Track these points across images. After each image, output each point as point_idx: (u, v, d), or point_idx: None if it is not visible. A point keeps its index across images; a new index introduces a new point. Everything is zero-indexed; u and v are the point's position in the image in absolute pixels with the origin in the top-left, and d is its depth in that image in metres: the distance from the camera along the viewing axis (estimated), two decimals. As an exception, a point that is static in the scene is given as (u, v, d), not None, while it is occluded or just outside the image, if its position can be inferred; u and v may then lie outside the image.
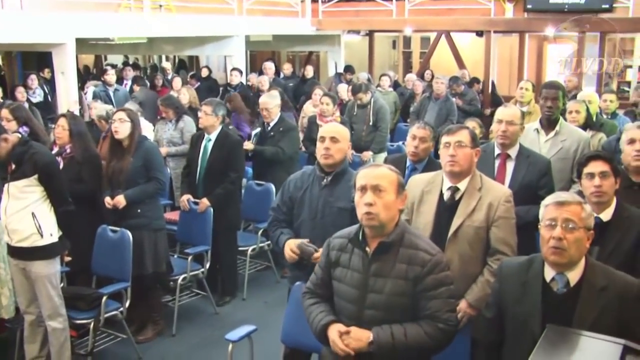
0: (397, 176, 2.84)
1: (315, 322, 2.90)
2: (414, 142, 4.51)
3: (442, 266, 2.78)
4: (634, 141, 3.80)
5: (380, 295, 2.77)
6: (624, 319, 2.58)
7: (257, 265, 6.83)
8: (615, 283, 2.63)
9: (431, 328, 2.75)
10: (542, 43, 14.46)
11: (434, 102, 9.16)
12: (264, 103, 6.56)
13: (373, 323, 2.77)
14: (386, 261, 2.79)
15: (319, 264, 3.03)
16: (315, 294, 3.03)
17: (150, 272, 5.07)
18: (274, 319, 4.50)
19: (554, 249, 2.60)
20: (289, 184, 4.00)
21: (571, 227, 2.59)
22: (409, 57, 17.22)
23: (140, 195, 5.04)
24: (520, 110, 4.62)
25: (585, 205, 2.67)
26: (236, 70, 10.51)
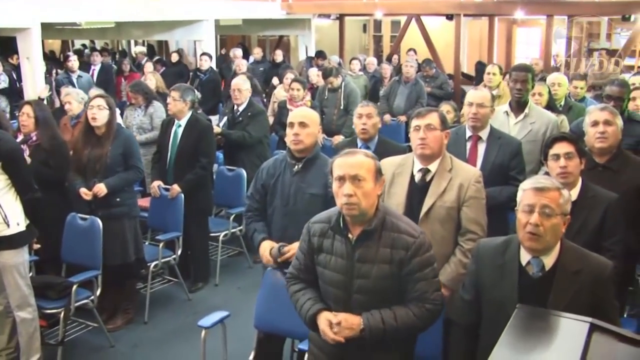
0: (374, 162, 2.83)
1: (304, 311, 2.88)
2: (361, 120, 4.61)
3: (425, 247, 2.80)
4: (597, 123, 3.86)
5: (367, 280, 2.78)
6: (597, 300, 2.63)
7: (229, 250, 6.80)
8: (588, 266, 2.67)
9: (419, 309, 2.77)
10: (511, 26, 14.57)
11: (404, 86, 9.19)
12: (237, 84, 6.54)
13: (361, 307, 2.78)
14: (370, 247, 2.79)
15: (301, 249, 3.01)
16: (299, 279, 3.02)
17: (134, 259, 5.06)
18: (247, 305, 4.48)
19: (530, 235, 2.62)
20: (262, 172, 3.98)
21: (548, 213, 2.61)
22: (380, 41, 17.23)
23: (121, 184, 4.98)
24: (491, 92, 4.64)
25: (563, 191, 2.69)
26: (206, 55, 10.40)
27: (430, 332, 3.00)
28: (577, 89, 6.88)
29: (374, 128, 4.66)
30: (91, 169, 4.93)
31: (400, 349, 2.90)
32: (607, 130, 3.83)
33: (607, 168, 3.85)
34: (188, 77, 10.73)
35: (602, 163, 3.87)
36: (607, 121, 3.84)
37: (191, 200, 5.61)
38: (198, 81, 9.92)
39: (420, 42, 12.46)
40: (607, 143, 3.83)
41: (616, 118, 3.88)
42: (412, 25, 12.50)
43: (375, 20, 16.45)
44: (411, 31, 12.68)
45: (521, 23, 14.68)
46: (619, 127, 3.89)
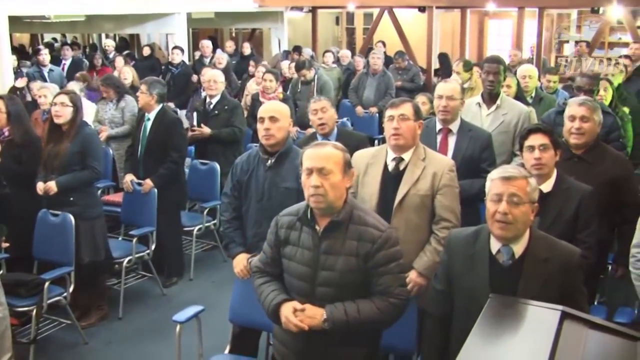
0: (343, 155, 2.83)
1: (268, 301, 2.87)
2: (317, 116, 4.63)
3: (392, 242, 2.80)
4: (575, 118, 3.89)
5: (332, 272, 2.78)
6: (566, 287, 2.67)
7: (203, 245, 6.77)
8: (557, 254, 2.71)
9: (383, 303, 2.77)
10: (483, 18, 14.66)
11: (372, 78, 9.25)
12: (213, 75, 6.52)
13: (325, 300, 2.77)
14: (336, 238, 2.79)
15: (268, 242, 3.01)
16: (265, 272, 3.01)
17: (86, 262, 4.89)
18: (222, 299, 4.47)
19: (500, 223, 2.65)
20: (236, 168, 3.97)
21: (516, 202, 2.64)
22: (353, 34, 17.20)
23: (74, 183, 4.87)
24: (461, 85, 4.67)
25: (530, 180, 2.72)
26: (178, 48, 10.30)
27: (406, 324, 3.02)
28: (550, 83, 6.95)
29: (331, 120, 4.68)
30: (50, 165, 4.86)
31: (364, 345, 2.89)
32: (583, 126, 3.86)
33: (582, 160, 3.89)
34: (160, 71, 10.63)
35: (578, 154, 3.91)
36: (584, 117, 3.87)
37: (164, 194, 5.58)
38: (170, 75, 9.84)
39: (393, 34, 12.47)
40: (582, 140, 3.87)
41: (594, 113, 3.89)
42: (385, 18, 12.51)
43: (348, 13, 16.42)
44: (384, 24, 12.68)
45: (493, 15, 14.76)
46: (597, 122, 3.91)
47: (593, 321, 2.29)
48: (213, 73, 6.63)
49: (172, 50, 10.44)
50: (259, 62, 10.42)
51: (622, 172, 3.92)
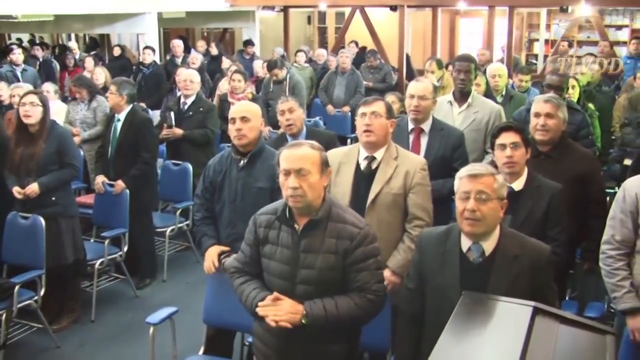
0: (319, 154, 2.84)
1: (250, 299, 2.87)
2: (285, 116, 4.64)
3: (370, 239, 2.82)
4: (540, 115, 3.94)
5: (311, 270, 2.79)
6: (536, 284, 2.70)
7: (176, 246, 6.73)
8: (527, 251, 2.73)
9: (361, 299, 2.79)
10: (455, 17, 14.76)
11: (341, 76, 9.30)
12: (189, 74, 6.48)
13: (305, 298, 2.78)
14: (315, 236, 2.80)
15: (247, 241, 3.00)
16: (244, 272, 3.01)
17: (71, 261, 4.90)
18: (196, 300, 4.45)
19: (469, 220, 2.67)
20: (209, 169, 3.96)
21: (484, 199, 2.67)
22: (325, 33, 17.22)
23: (55, 183, 4.83)
24: (433, 84, 4.69)
25: (497, 176, 2.75)
26: (149, 48, 10.22)
27: (380, 322, 3.03)
28: (522, 82, 7.02)
29: (299, 120, 4.68)
30: (25, 167, 4.77)
31: (344, 341, 2.91)
32: (548, 123, 3.90)
33: (549, 157, 3.94)
34: (131, 71, 10.54)
35: (544, 152, 3.95)
36: (549, 114, 3.91)
37: (135, 195, 5.52)
38: (141, 75, 9.76)
39: (365, 33, 12.51)
40: (547, 136, 3.91)
41: (559, 110, 3.94)
42: (357, 17, 12.54)
43: (320, 12, 16.44)
44: (356, 23, 12.71)
45: (464, 14, 14.89)
46: (562, 119, 3.95)
47: (564, 316, 2.32)
48: (189, 73, 6.59)
49: (143, 50, 10.35)
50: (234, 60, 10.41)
51: (588, 168, 3.97)
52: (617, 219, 3.25)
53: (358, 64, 10.34)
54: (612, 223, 3.29)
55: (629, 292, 3.19)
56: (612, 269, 3.25)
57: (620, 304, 3.21)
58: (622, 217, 3.23)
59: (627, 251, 3.25)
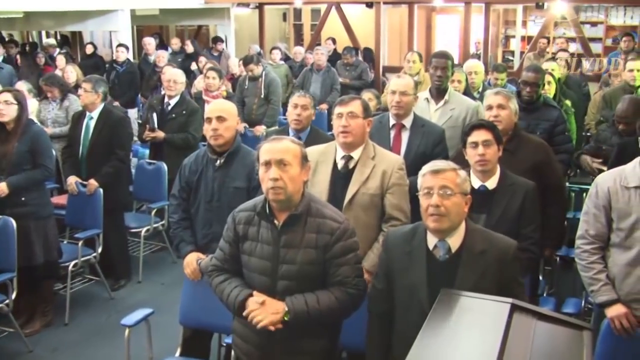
0: (300, 148, 2.86)
1: (232, 297, 2.87)
2: (296, 111, 4.57)
3: (349, 233, 2.85)
4: (491, 107, 4.06)
5: (292, 265, 2.81)
6: (503, 279, 2.73)
7: (152, 246, 6.70)
8: (493, 246, 2.77)
9: (341, 294, 2.82)
10: (431, 14, 14.81)
11: (317, 74, 9.31)
12: (174, 74, 6.38)
13: (286, 293, 2.80)
14: (295, 232, 2.82)
15: (226, 239, 3.00)
16: (223, 270, 3.01)
17: (41, 262, 4.83)
18: (172, 301, 4.42)
19: (434, 216, 2.70)
20: (184, 169, 3.94)
21: (448, 194, 2.70)
22: (300, 30, 17.19)
23: (26, 183, 4.76)
24: (414, 80, 4.72)
25: (459, 171, 2.79)
26: (122, 46, 10.14)
27: (358, 322, 3.04)
28: (498, 80, 7.08)
29: (308, 120, 4.63)
30: None
31: (325, 338, 2.94)
32: (500, 113, 4.01)
33: (505, 150, 3.99)
34: (104, 69, 10.45)
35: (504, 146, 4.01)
36: (500, 105, 4.02)
37: (107, 195, 5.47)
38: (115, 73, 9.68)
39: (341, 30, 12.52)
40: (500, 126, 3.95)
41: (510, 102, 4.06)
42: (333, 14, 12.55)
43: (296, 9, 16.41)
44: (332, 20, 12.71)
45: (440, 10, 14.94)
46: (513, 111, 4.07)
47: (542, 313, 2.35)
48: (173, 72, 6.48)
49: (116, 48, 10.27)
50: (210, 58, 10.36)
51: (543, 157, 4.08)
52: (590, 214, 3.31)
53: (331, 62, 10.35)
54: (585, 218, 3.34)
55: (605, 284, 3.24)
56: (587, 263, 3.30)
57: (598, 297, 3.26)
58: (595, 212, 3.28)
59: (601, 245, 3.31)
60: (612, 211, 3.23)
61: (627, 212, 3.17)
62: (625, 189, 3.19)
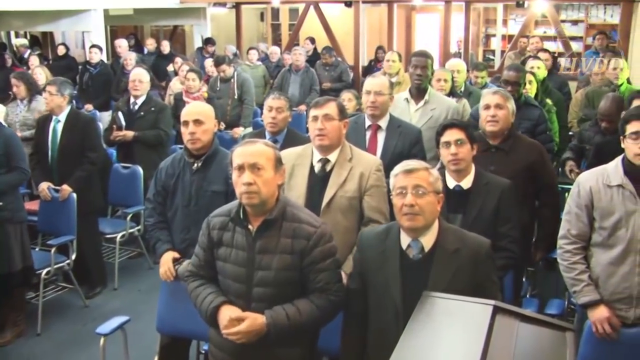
0: (274, 151, 2.86)
1: (206, 304, 2.86)
2: (271, 114, 4.55)
3: (327, 237, 2.85)
4: (489, 107, 4.06)
5: (268, 271, 2.79)
6: (477, 278, 2.75)
7: (128, 252, 6.64)
8: (467, 245, 2.79)
9: (322, 301, 2.82)
10: (411, 13, 14.89)
11: (295, 74, 9.30)
12: (138, 74, 6.37)
13: (262, 300, 2.79)
14: (271, 237, 2.81)
15: (200, 244, 3.00)
16: (199, 275, 3.00)
17: (19, 268, 4.80)
18: (149, 308, 4.40)
19: (408, 215, 2.72)
20: (161, 172, 3.92)
21: (421, 193, 2.73)
22: (278, 30, 17.19)
23: (4, 187, 4.73)
24: (389, 79, 4.73)
25: (432, 170, 2.82)
26: (95, 47, 10.06)
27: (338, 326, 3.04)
28: (478, 79, 7.14)
29: (284, 122, 4.61)
30: None
31: (302, 345, 2.93)
32: (498, 113, 4.02)
33: (499, 149, 4.06)
34: (77, 71, 10.37)
35: (494, 145, 4.06)
36: (498, 105, 4.04)
37: (80, 199, 5.42)
38: (88, 75, 9.61)
39: (320, 30, 12.54)
40: (497, 127, 4.02)
41: (507, 102, 4.08)
42: (311, 13, 12.57)
43: (273, 9, 16.41)
44: (310, 19, 12.73)
45: (420, 9, 15.03)
46: (510, 111, 4.08)
47: (524, 314, 2.37)
48: (138, 72, 6.47)
49: (89, 49, 10.19)
50: (185, 59, 10.32)
51: (537, 157, 4.11)
52: (572, 213, 3.34)
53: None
54: (567, 218, 3.38)
55: (587, 285, 3.28)
56: (569, 264, 3.33)
57: (581, 298, 3.29)
58: (577, 212, 3.32)
59: (583, 245, 3.34)
60: (594, 210, 3.26)
61: (609, 211, 3.21)
62: (607, 187, 3.23)
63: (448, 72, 6.03)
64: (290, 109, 4.71)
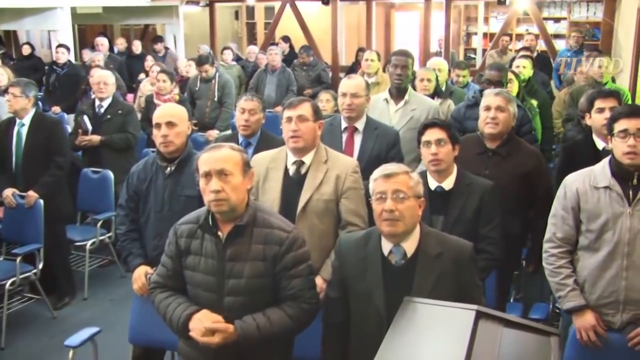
0: (241, 155, 2.84)
1: (176, 315, 2.83)
2: (244, 116, 4.57)
3: (299, 242, 2.84)
4: (490, 108, 4.04)
5: (239, 280, 2.78)
6: (461, 282, 2.78)
7: (98, 260, 6.59)
8: (449, 249, 2.81)
9: (294, 310, 2.81)
10: (389, 10, 14.95)
11: (271, 75, 9.30)
12: (103, 76, 6.34)
13: (234, 309, 2.77)
14: (241, 244, 2.80)
15: (167, 253, 2.97)
16: (166, 286, 2.97)
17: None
18: (121, 318, 4.37)
19: (388, 221, 2.73)
20: (132, 177, 3.90)
21: (402, 197, 2.73)
22: (253, 29, 17.17)
23: None
24: (365, 80, 4.74)
25: (412, 174, 2.83)
26: (62, 47, 9.98)
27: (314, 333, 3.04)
28: (460, 78, 7.19)
29: (257, 124, 4.63)
30: None
31: (277, 354, 2.92)
32: (498, 116, 4.01)
33: (496, 153, 4.05)
34: (44, 71, 10.28)
35: (492, 148, 4.06)
36: (500, 107, 4.02)
37: (47, 206, 5.36)
38: (55, 76, 9.52)
39: (297, 29, 12.55)
40: (496, 129, 4.01)
41: (510, 104, 4.06)
42: (288, 12, 12.58)
43: (248, 7, 16.39)
44: (286, 18, 12.74)
45: (399, 7, 15.09)
46: (512, 114, 4.07)
47: (508, 319, 2.39)
48: (102, 74, 6.45)
49: (56, 48, 10.10)
50: (157, 59, 10.27)
51: (534, 166, 4.09)
52: (558, 216, 3.36)
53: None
54: (553, 221, 3.39)
55: (573, 290, 3.29)
56: (554, 268, 3.35)
57: (566, 303, 3.31)
58: (563, 214, 3.33)
59: (569, 249, 3.35)
60: (581, 212, 3.28)
61: (596, 213, 3.22)
62: (594, 189, 3.24)
63: (432, 72, 6.06)
64: (263, 110, 4.71)
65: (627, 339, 3.20)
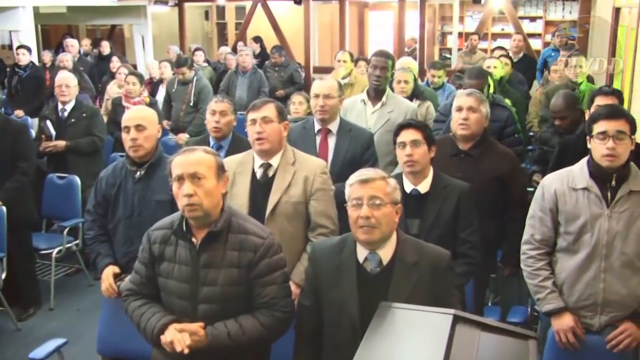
0: (215, 158, 2.84)
1: (151, 324, 2.82)
2: (215, 118, 4.58)
3: (274, 249, 2.84)
4: (461, 109, 4.07)
5: (214, 287, 2.78)
6: (437, 291, 2.77)
7: (65, 268, 6.52)
8: (426, 257, 2.82)
9: (267, 318, 2.81)
10: (363, 10, 15.00)
11: (242, 76, 9.30)
12: (64, 78, 6.28)
13: (208, 317, 2.77)
14: (216, 250, 2.79)
15: (140, 260, 2.97)
16: (140, 294, 2.96)
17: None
18: (89, 328, 4.35)
19: (364, 228, 2.72)
20: (101, 182, 3.89)
21: (378, 204, 2.72)
22: (224, 29, 17.13)
23: None
24: (338, 81, 4.75)
25: (389, 180, 2.82)
26: (24, 47, 9.87)
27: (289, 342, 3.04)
28: (435, 78, 7.23)
29: (228, 126, 4.63)
30: None
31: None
32: (470, 117, 4.04)
33: (468, 155, 4.07)
34: (5, 74, 10.16)
35: (464, 150, 4.08)
36: (471, 108, 4.05)
37: (10, 212, 5.27)
38: (17, 78, 9.42)
39: (268, 29, 12.55)
40: (468, 130, 4.04)
41: (482, 105, 4.08)
42: (259, 11, 12.57)
43: (218, 7, 16.35)
44: (258, 17, 12.74)
45: (373, 6, 15.16)
46: (484, 114, 4.09)
47: (485, 323, 2.41)
48: (64, 76, 6.38)
49: (16, 49, 9.99)
50: (124, 60, 10.20)
51: (508, 169, 4.12)
52: (536, 217, 3.39)
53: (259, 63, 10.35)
54: (531, 222, 3.42)
55: (551, 292, 3.33)
56: (533, 270, 3.38)
57: (544, 306, 3.34)
58: (541, 216, 3.36)
59: (547, 250, 3.39)
60: (559, 214, 3.31)
61: (575, 215, 3.25)
62: (572, 190, 3.27)
63: (410, 74, 6.09)
64: (234, 112, 4.71)
65: (606, 341, 3.25)
